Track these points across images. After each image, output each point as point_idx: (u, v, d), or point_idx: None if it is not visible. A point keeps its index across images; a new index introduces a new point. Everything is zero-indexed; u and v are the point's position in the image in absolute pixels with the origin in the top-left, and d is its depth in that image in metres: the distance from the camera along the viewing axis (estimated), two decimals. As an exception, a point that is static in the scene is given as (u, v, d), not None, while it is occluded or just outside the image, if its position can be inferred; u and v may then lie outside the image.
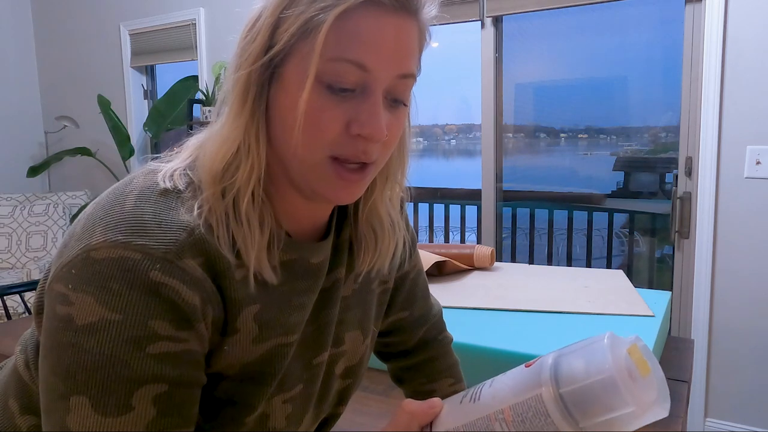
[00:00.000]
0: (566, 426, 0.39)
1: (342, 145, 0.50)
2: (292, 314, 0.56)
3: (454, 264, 1.47)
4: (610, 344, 0.40)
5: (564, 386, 0.40)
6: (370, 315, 0.70)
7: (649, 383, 0.39)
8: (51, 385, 0.46)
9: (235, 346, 0.52)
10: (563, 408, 0.39)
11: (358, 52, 0.48)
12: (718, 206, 2.10)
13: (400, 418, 0.49)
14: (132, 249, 0.45)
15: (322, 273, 0.60)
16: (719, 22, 2.02)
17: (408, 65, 0.51)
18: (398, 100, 0.52)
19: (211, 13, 3.28)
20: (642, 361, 0.40)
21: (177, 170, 0.52)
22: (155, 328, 0.45)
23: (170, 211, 0.48)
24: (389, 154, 0.55)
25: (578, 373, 0.40)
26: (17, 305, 2.70)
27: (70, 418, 0.44)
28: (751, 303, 2.07)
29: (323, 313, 0.61)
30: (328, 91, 0.48)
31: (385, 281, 0.72)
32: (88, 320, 0.44)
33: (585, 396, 0.39)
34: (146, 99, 3.77)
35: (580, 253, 3.23)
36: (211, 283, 0.48)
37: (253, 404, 0.54)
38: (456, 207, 3.59)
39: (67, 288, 0.45)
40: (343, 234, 0.63)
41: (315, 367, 0.61)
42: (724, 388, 2.15)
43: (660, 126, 2.92)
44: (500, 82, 2.61)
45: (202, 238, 0.48)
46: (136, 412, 0.44)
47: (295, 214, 0.57)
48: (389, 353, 0.84)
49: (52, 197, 3.55)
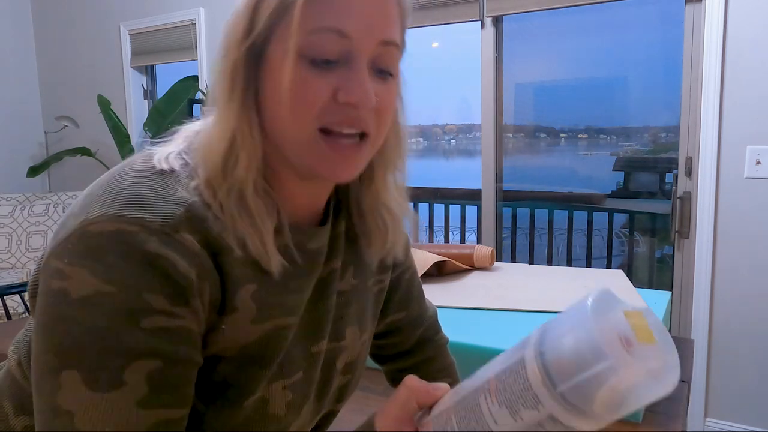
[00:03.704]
0: (543, 389, 0.37)
1: (331, 114, 0.50)
2: (289, 296, 0.56)
3: (454, 264, 1.47)
4: (598, 302, 0.37)
5: (545, 344, 0.38)
6: (367, 312, 0.70)
7: (651, 351, 0.36)
8: (42, 362, 0.45)
9: (233, 326, 0.51)
10: (541, 366, 0.37)
11: (336, 19, 0.48)
12: (718, 206, 2.10)
13: (400, 392, 0.49)
14: (128, 222, 0.45)
15: (319, 259, 0.59)
16: (719, 22, 2.02)
17: (389, 32, 0.51)
18: (384, 71, 0.52)
19: (211, 13, 3.28)
20: (642, 326, 0.37)
21: (172, 153, 0.53)
22: (150, 301, 0.44)
23: (167, 188, 0.48)
24: (385, 128, 0.55)
25: (560, 330, 0.38)
26: (17, 305, 2.70)
27: (61, 395, 0.44)
28: (751, 303, 2.07)
29: (320, 302, 0.61)
30: (311, 65, 0.48)
31: (381, 279, 0.72)
32: (82, 293, 0.43)
33: (564, 351, 0.36)
34: (146, 99, 3.77)
35: (580, 253, 3.23)
36: (208, 258, 0.48)
37: (251, 387, 0.53)
38: (456, 207, 3.59)
39: (63, 262, 0.45)
40: (339, 225, 0.63)
41: (314, 356, 0.61)
42: (724, 388, 2.15)
43: (660, 126, 2.92)
44: (500, 82, 2.61)
45: (200, 214, 0.48)
46: (128, 388, 0.43)
47: (292, 199, 0.56)
48: (386, 355, 0.84)
49: (52, 197, 3.55)
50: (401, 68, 0.57)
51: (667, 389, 0.36)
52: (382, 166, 0.60)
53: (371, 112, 0.51)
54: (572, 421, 0.37)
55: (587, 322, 0.36)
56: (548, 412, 0.37)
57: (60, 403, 0.44)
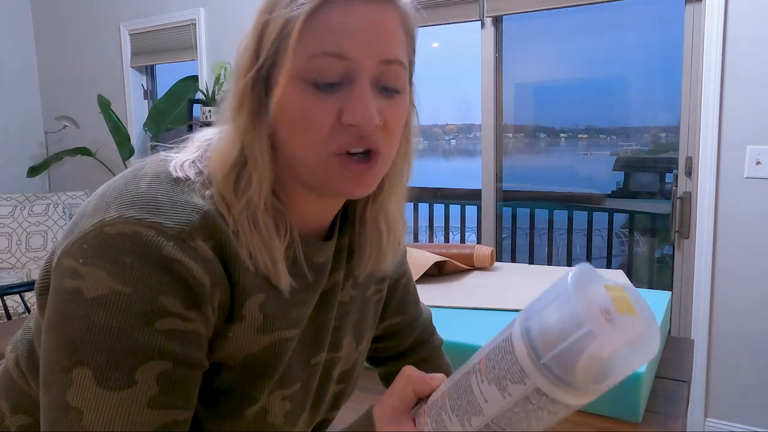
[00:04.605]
0: (528, 361, 0.38)
1: (338, 137, 0.50)
2: (293, 309, 0.56)
3: (454, 264, 1.47)
4: (578, 275, 0.38)
5: (530, 319, 0.39)
6: (366, 322, 0.70)
7: (631, 322, 0.37)
8: (54, 360, 0.45)
9: (239, 334, 0.52)
10: (526, 339, 0.38)
11: (334, 43, 0.48)
12: (718, 206, 2.10)
13: (397, 382, 0.50)
14: (146, 226, 0.45)
15: (324, 273, 0.60)
16: (719, 22, 2.02)
17: (390, 50, 0.51)
18: (390, 89, 0.52)
19: (211, 13, 3.28)
20: (622, 299, 0.38)
21: (187, 161, 0.53)
22: (165, 303, 0.45)
23: (183, 194, 0.49)
24: (395, 144, 0.55)
25: (542, 304, 0.39)
26: (17, 305, 2.70)
27: (71, 392, 0.44)
28: (751, 303, 2.07)
29: (322, 314, 0.62)
30: (314, 89, 0.49)
31: (380, 289, 0.73)
32: (97, 293, 0.44)
33: (546, 323, 0.37)
34: (146, 99, 3.77)
35: (580, 253, 3.23)
36: (220, 266, 0.49)
37: (254, 396, 0.54)
38: (456, 207, 3.59)
39: (78, 262, 0.45)
40: (344, 237, 0.64)
41: (313, 367, 0.62)
42: (724, 388, 2.15)
43: (660, 126, 2.92)
44: (500, 82, 2.61)
45: (215, 222, 0.49)
46: (138, 387, 0.44)
47: (303, 215, 0.57)
48: (382, 358, 0.85)
49: (52, 197, 3.55)
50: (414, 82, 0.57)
51: (646, 358, 0.37)
52: (390, 179, 0.61)
53: (378, 129, 0.51)
54: (558, 394, 0.37)
55: (567, 294, 0.37)
56: (534, 384, 0.38)
57: (69, 400, 0.44)
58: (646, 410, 0.92)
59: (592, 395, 0.38)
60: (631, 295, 0.39)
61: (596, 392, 0.38)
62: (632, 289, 0.40)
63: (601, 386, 0.37)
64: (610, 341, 0.35)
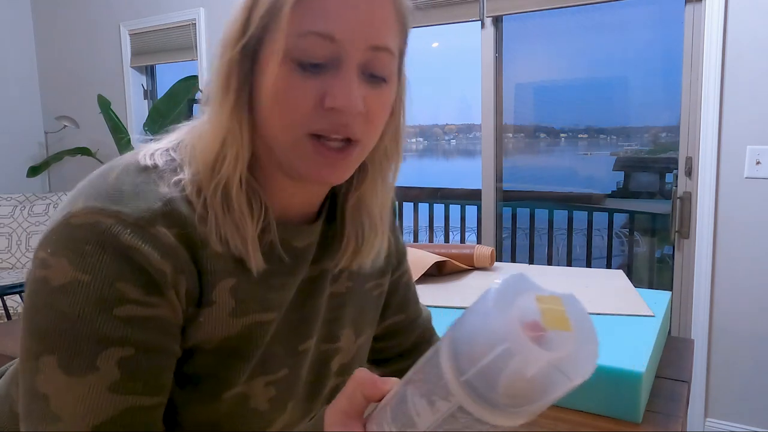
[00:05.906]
0: (451, 376, 0.34)
1: (317, 120, 0.50)
2: (270, 293, 0.56)
3: (454, 264, 1.47)
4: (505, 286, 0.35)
5: (456, 330, 0.36)
6: (366, 315, 0.70)
7: (562, 338, 0.33)
8: (25, 347, 0.47)
9: (211, 318, 0.52)
10: (451, 353, 0.35)
11: (324, 23, 0.48)
12: (718, 206, 2.10)
13: (349, 383, 0.48)
14: (106, 215, 0.47)
15: (305, 258, 0.60)
16: (719, 22, 2.02)
17: (381, 37, 0.50)
18: (377, 76, 0.51)
19: (211, 13, 3.28)
20: (555, 312, 0.34)
21: (159, 150, 0.54)
22: (123, 290, 0.46)
23: (149, 184, 0.50)
24: (376, 134, 0.54)
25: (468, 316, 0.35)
26: (17, 305, 2.70)
27: (39, 379, 0.46)
28: (751, 303, 2.07)
29: (309, 302, 0.61)
30: (299, 69, 0.49)
31: (381, 283, 0.72)
32: (60, 282, 0.46)
33: (468, 337, 0.34)
34: (146, 99, 3.77)
35: (580, 253, 3.23)
36: (185, 252, 0.49)
37: (230, 380, 0.54)
38: (456, 207, 3.59)
39: (47, 252, 0.47)
40: (334, 226, 0.63)
41: (301, 354, 0.61)
42: (724, 388, 2.15)
43: (660, 126, 2.92)
44: (500, 82, 2.61)
45: (178, 209, 0.49)
46: (100, 373, 0.45)
47: (283, 198, 0.57)
48: (384, 358, 0.84)
49: (52, 197, 3.55)
50: (405, 72, 0.56)
51: (579, 379, 0.33)
52: (373, 170, 0.60)
53: (359, 117, 0.51)
54: (482, 413, 0.34)
55: (488, 307, 0.34)
56: (458, 401, 0.35)
57: (38, 386, 0.46)
58: (646, 410, 0.92)
59: (523, 417, 0.34)
60: (569, 308, 0.34)
61: (528, 413, 0.34)
62: (574, 300, 0.35)
63: (532, 408, 0.34)
64: (533, 360, 0.31)
